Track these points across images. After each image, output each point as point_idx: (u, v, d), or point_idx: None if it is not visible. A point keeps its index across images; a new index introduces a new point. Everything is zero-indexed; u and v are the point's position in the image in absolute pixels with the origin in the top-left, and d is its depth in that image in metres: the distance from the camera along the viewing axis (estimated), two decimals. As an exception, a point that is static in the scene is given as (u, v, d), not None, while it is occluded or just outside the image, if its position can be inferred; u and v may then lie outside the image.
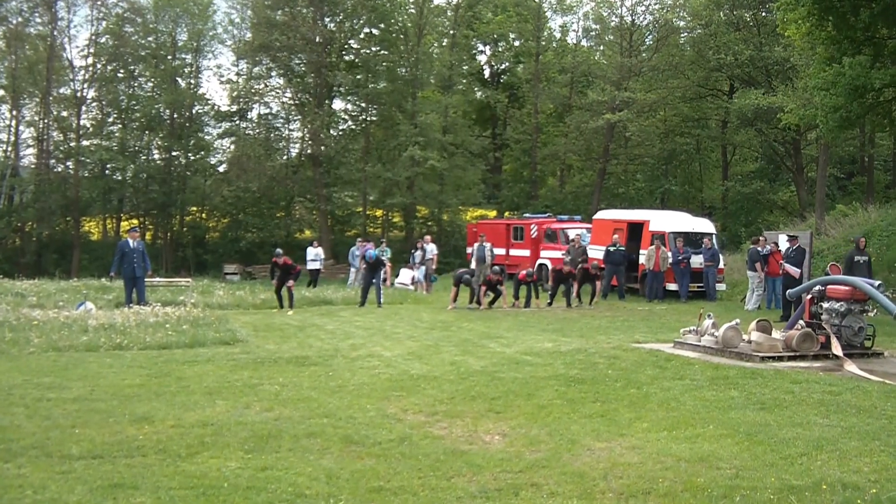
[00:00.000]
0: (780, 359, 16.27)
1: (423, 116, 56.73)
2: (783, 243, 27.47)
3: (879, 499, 7.36)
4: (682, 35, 59.63)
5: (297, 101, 61.47)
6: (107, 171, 60.67)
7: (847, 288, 17.62)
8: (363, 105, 61.76)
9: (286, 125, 65.28)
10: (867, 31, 28.11)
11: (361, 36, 60.76)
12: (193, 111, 62.79)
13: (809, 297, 18.38)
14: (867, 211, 39.10)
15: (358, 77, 58.90)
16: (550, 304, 28.87)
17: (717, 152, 61.29)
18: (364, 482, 8.11)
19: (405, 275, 37.76)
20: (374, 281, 29.27)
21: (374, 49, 60.61)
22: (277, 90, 62.07)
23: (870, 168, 57.23)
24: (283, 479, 8.25)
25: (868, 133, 52.88)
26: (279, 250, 28.56)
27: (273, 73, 61.27)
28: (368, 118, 62.45)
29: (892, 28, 28.49)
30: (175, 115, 61.73)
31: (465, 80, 66.16)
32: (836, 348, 16.54)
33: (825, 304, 17.68)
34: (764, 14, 51.24)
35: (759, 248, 28.82)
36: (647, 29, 61.91)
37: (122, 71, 61.60)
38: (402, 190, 57.11)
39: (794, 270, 25.86)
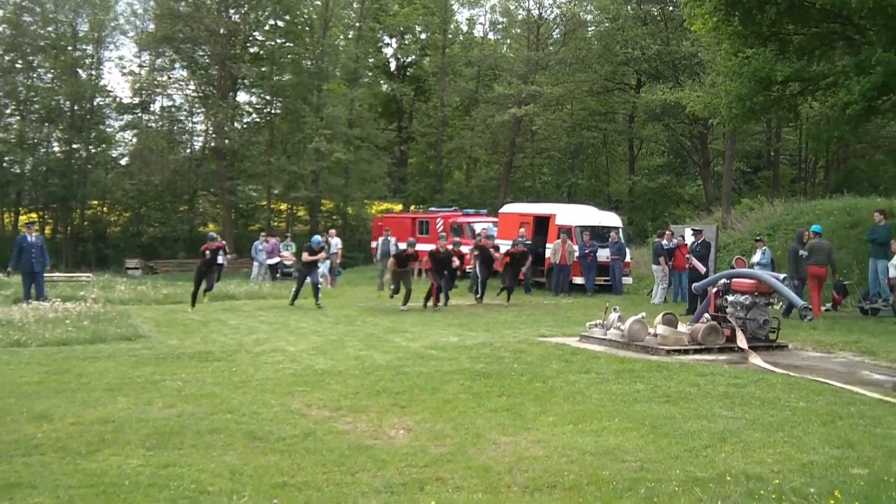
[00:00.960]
0: (686, 352, 16.42)
1: (328, 109, 56.40)
2: (689, 237, 27.72)
3: (782, 489, 7.41)
4: (589, 29, 59.98)
5: (200, 94, 60.82)
6: (4, 164, 59.26)
7: (752, 281, 17.83)
8: (268, 98, 61.34)
9: (189, 118, 64.56)
10: (773, 27, 28.48)
11: (266, 28, 60.23)
12: (94, 103, 61.47)
13: (715, 290, 18.57)
14: (773, 205, 39.68)
15: (263, 69, 58.39)
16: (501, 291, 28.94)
17: (623, 146, 61.83)
18: (268, 478, 8.01)
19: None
20: (309, 277, 27.23)
21: (279, 41, 60.07)
22: (181, 82, 61.40)
23: (776, 162, 58.18)
24: (185, 476, 8.11)
25: (774, 128, 53.72)
26: (213, 234, 27.45)
27: (176, 65, 60.62)
28: (273, 111, 61.96)
29: (797, 24, 28.91)
30: (75, 107, 60.52)
31: (370, 73, 65.95)
32: (741, 341, 16.73)
33: (730, 298, 17.87)
34: (671, 9, 51.75)
35: (664, 242, 29.09)
36: (555, 22, 62.26)
37: (20, 62, 60.17)
38: (307, 183, 56.74)
39: (699, 265, 26.13)
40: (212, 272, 26.05)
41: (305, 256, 26.83)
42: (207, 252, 25.20)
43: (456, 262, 26.36)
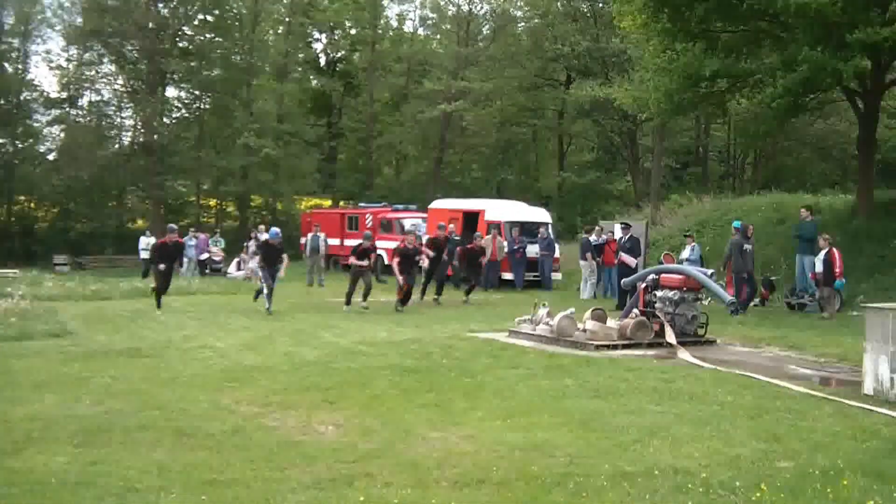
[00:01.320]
0: (615, 347, 16.52)
1: (257, 104, 56.06)
2: (618, 232, 27.86)
3: (709, 483, 7.46)
4: (519, 25, 60.24)
5: (129, 89, 59.96)
6: (-71, 159, 58.38)
7: (680, 277, 17.97)
8: (197, 93, 60.66)
9: (118, 113, 63.51)
10: (701, 24, 28.74)
11: (196, 22, 59.51)
12: (21, 97, 60.47)
13: (644, 286, 18.69)
14: (701, 201, 40.11)
15: (192, 64, 57.78)
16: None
17: (553, 142, 62.14)
18: (196, 475, 7.91)
19: (235, 265, 37.53)
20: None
21: (208, 36, 59.44)
22: (109, 77, 60.41)
23: (704, 159, 58.80)
24: (113, 473, 8.00)
25: (703, 124, 54.26)
26: (173, 226, 25.75)
27: (105, 60, 59.61)
28: (203, 106, 61.41)
29: (725, 22, 29.19)
30: (2, 102, 59.43)
31: (300, 69, 65.55)
32: (670, 336, 16.85)
33: (659, 293, 18.00)
34: (601, 5, 52.12)
35: (592, 238, 29.26)
36: (484, 18, 62.37)
37: (-56, 54, 59.26)
38: (237, 179, 56.39)
39: (629, 260, 26.25)
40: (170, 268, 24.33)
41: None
42: (169, 244, 24.09)
43: (424, 259, 25.80)
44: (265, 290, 22.85)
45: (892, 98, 41.51)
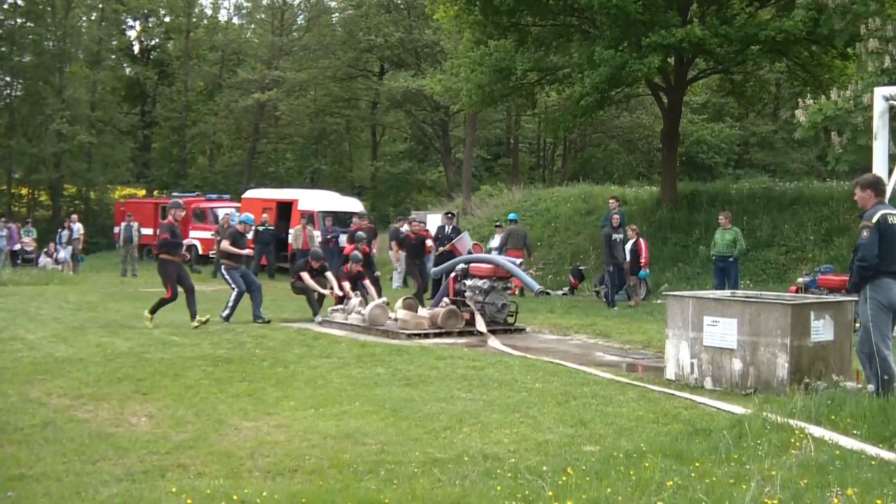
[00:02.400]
0: (426, 336, 16.67)
1: (69, 91, 54.61)
2: (440, 222, 27.99)
3: (518, 468, 7.59)
4: (333, 15, 60.14)
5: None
6: None
7: (490, 266, 18.24)
8: (7, 79, 58.86)
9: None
10: (512, 18, 29.19)
11: (6, 6, 57.61)
12: None
13: (454, 275, 18.91)
14: (512, 192, 40.70)
15: (2, 49, 56.04)
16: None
17: (366, 132, 62.30)
18: (4, 470, 7.66)
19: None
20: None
21: (19, 21, 57.68)
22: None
23: (515, 150, 59.60)
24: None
25: (514, 116, 55.04)
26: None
27: None
28: (13, 93, 59.50)
29: (535, 16, 29.72)
30: None
31: (114, 56, 64.18)
32: (480, 325, 17.09)
33: (469, 282, 18.22)
34: (414, -4, 52.35)
35: (404, 228, 29.41)
36: (299, 8, 62.14)
37: None
38: (49, 167, 54.84)
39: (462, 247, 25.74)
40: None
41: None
42: None
43: (430, 245, 24.06)
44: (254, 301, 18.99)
45: (694, 93, 42.97)
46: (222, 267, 18.68)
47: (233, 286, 18.39)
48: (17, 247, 37.75)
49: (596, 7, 25.54)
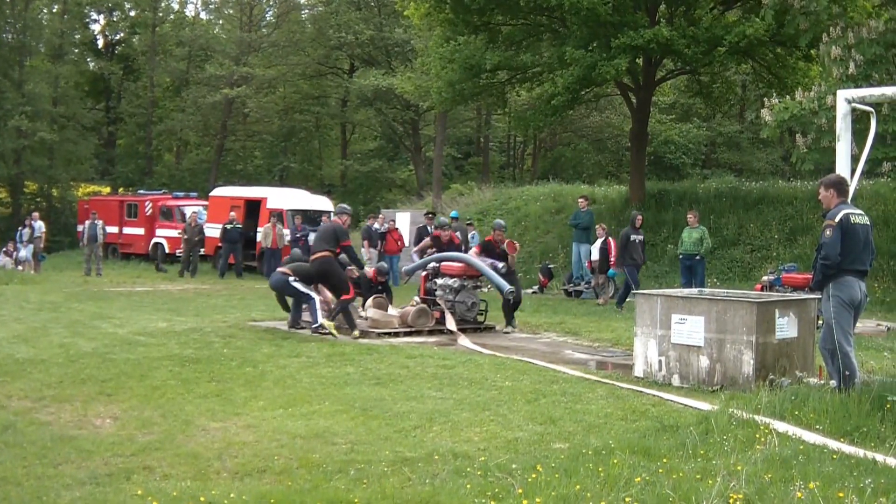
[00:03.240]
0: (397, 334, 16.66)
1: (30, 86, 54.15)
2: (404, 222, 27.97)
3: (488, 466, 7.60)
4: (303, 12, 60.05)
5: None
6: None
7: (460, 265, 18.24)
8: (-36, 72, 58.22)
9: None
10: (483, 16, 29.26)
11: (-39, -3, 57.22)
12: None
13: (425, 273, 18.89)
14: (482, 190, 40.81)
15: (-41, 41, 55.49)
16: None
17: (336, 130, 62.22)
18: (-37, 475, 7.60)
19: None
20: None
21: (-23, 12, 57.23)
22: None
23: (485, 149, 59.70)
24: None
25: (484, 115, 55.15)
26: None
27: None
28: (-28, 87, 58.92)
29: (505, 15, 29.80)
30: None
31: (77, 50, 63.69)
32: (451, 323, 17.08)
33: (439, 281, 18.21)
34: (385, -6, 52.34)
35: (375, 226, 29.40)
36: (268, 4, 61.96)
37: None
38: (9, 164, 54.37)
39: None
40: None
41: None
42: None
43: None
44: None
45: (662, 94, 43.17)
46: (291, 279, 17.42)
47: (307, 293, 17.65)
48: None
49: (567, 7, 25.64)
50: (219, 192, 38.13)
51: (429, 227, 25.66)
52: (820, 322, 11.23)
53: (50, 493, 7.05)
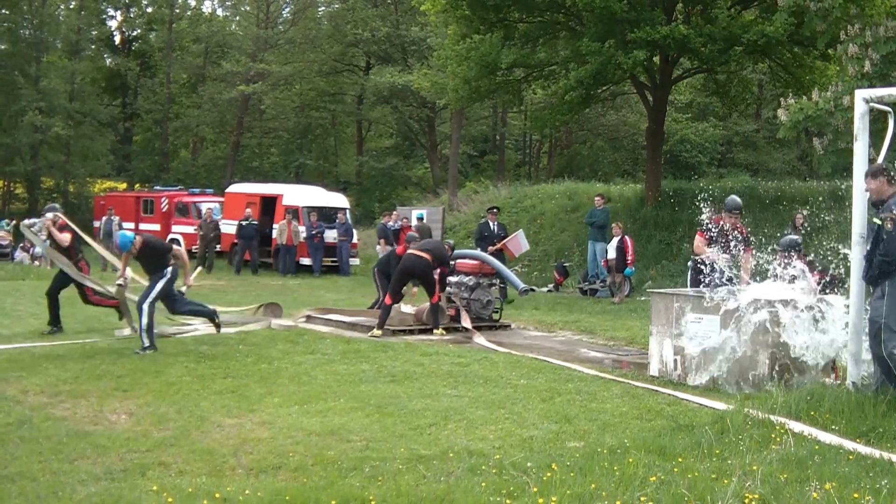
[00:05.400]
0: (412, 332, 16.62)
1: (44, 81, 54.21)
2: (416, 219, 27.94)
3: (503, 464, 7.59)
4: (319, 8, 59.96)
5: None
6: None
7: (476, 262, 18.21)
8: (-19, 67, 58.34)
9: None
10: (499, 14, 29.24)
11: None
12: None
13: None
14: (498, 188, 40.76)
15: (-24, 38, 55.56)
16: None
17: (352, 127, 62.11)
18: (-21, 470, 7.61)
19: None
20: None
21: (-7, 8, 57.32)
22: None
23: (501, 147, 59.59)
24: None
25: (500, 113, 55.07)
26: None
27: None
28: (-12, 82, 59.04)
29: (522, 12, 29.76)
30: None
31: (94, 46, 63.75)
32: (466, 321, 17.05)
33: (454, 278, 18.17)
34: (402, -9, 52.27)
35: (390, 224, 29.39)
36: (285, 1, 61.80)
37: None
38: (26, 159, 54.43)
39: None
40: None
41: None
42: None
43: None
44: None
45: (679, 93, 43.07)
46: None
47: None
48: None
49: (581, 6, 25.62)
50: (235, 188, 38.18)
51: (490, 223, 24.69)
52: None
53: (65, 489, 7.06)
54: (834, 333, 11.11)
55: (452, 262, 18.47)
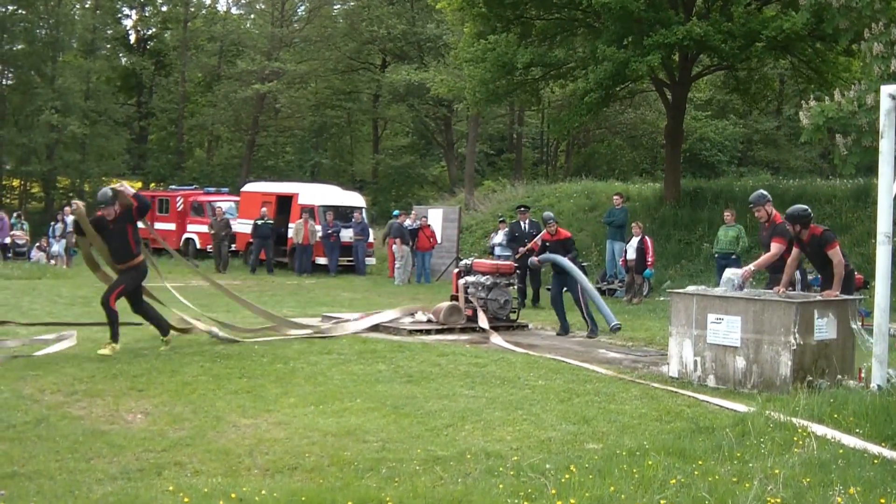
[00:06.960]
0: (428, 332, 16.56)
1: (62, 80, 54.29)
2: (436, 218, 27.90)
3: (520, 465, 7.55)
4: (335, 6, 59.98)
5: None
6: None
7: (492, 262, 18.15)
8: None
9: None
10: (516, 11, 29.17)
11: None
12: None
13: (456, 270, 18.80)
14: (514, 187, 40.70)
15: (-8, 37, 55.66)
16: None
17: (368, 126, 62.13)
18: (-4, 468, 7.59)
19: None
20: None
21: (10, 8, 57.17)
22: None
23: (518, 145, 59.49)
24: None
25: (517, 111, 55.00)
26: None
27: None
28: (5, 82, 59.11)
29: (539, 10, 29.71)
30: None
31: (109, 45, 63.87)
32: (483, 321, 16.99)
33: (471, 278, 18.10)
34: (417, -11, 52.22)
35: (407, 223, 29.35)
36: (300, -1, 61.92)
37: None
38: (42, 158, 54.53)
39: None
40: None
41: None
42: None
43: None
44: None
45: (698, 90, 42.93)
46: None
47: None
48: (8, 240, 37.51)
49: (598, 6, 25.55)
50: (250, 187, 38.21)
51: (522, 223, 24.25)
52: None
53: (82, 487, 7.06)
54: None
55: (469, 262, 18.41)
